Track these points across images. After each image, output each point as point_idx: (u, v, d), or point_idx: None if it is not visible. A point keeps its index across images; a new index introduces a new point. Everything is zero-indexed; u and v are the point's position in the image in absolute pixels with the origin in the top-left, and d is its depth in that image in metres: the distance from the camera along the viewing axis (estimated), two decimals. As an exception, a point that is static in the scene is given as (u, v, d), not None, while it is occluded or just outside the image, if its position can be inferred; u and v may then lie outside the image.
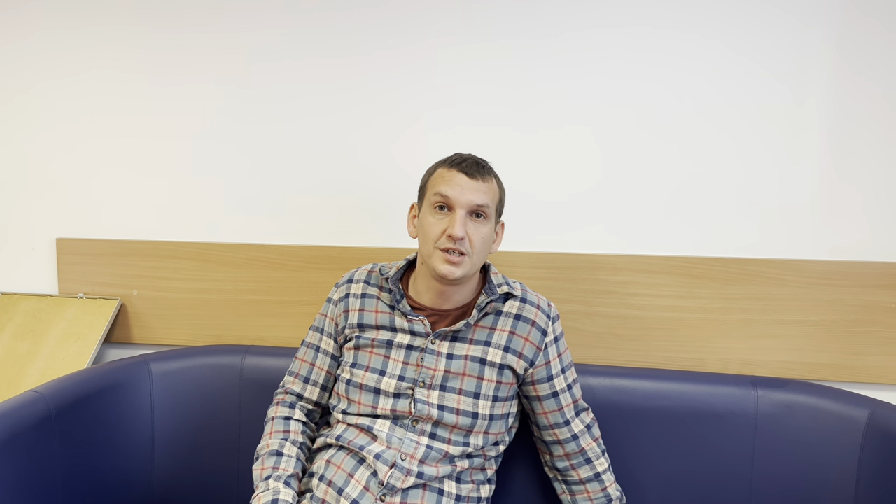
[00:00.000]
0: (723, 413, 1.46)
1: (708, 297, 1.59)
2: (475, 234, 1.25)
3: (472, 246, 1.25)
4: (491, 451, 1.33)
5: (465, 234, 1.24)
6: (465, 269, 1.25)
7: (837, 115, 1.53)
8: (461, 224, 1.24)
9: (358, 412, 1.30)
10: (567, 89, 1.61)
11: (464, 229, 1.24)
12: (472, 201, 1.25)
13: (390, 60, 1.68)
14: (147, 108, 1.79)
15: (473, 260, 1.26)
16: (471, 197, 1.25)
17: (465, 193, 1.25)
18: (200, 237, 1.80)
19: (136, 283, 1.82)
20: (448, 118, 1.67)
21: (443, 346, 1.30)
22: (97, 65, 1.80)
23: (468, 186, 1.25)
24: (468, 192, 1.25)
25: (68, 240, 1.84)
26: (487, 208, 1.26)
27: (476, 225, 1.26)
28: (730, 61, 1.55)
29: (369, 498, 1.22)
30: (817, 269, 1.55)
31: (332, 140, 1.72)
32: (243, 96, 1.75)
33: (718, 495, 1.45)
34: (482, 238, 1.26)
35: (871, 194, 1.54)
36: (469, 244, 1.25)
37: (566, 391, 1.34)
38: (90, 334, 1.76)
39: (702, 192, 1.59)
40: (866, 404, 1.41)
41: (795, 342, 1.57)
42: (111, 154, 1.82)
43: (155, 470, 1.59)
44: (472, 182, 1.26)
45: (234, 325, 1.79)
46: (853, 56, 1.51)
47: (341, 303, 1.38)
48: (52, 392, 1.41)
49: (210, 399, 1.63)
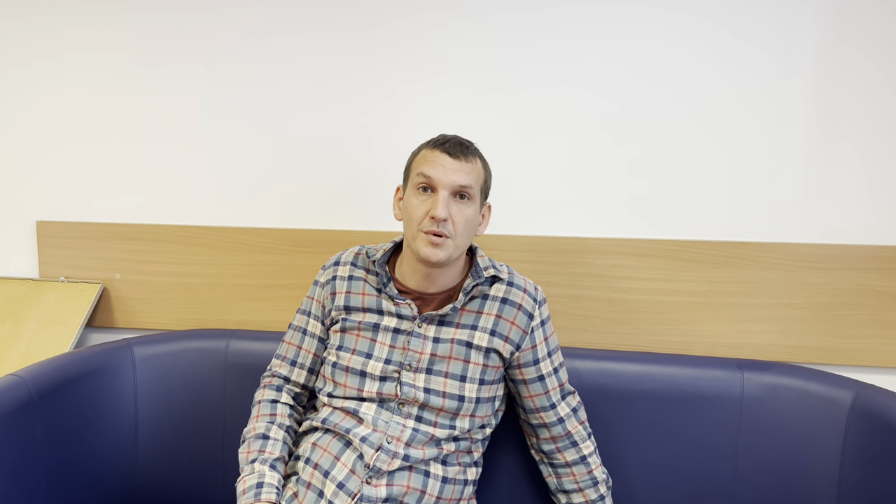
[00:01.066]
0: (709, 396, 1.47)
1: (695, 281, 1.59)
2: (458, 216, 1.24)
3: (456, 228, 1.24)
4: (477, 434, 1.32)
5: (447, 216, 1.22)
6: (449, 251, 1.24)
7: (825, 99, 1.53)
8: (444, 205, 1.22)
9: (344, 395, 1.29)
10: (553, 73, 1.60)
11: (446, 210, 1.22)
12: (455, 182, 1.23)
13: (375, 42, 1.65)
14: (129, 90, 1.76)
15: (457, 242, 1.25)
16: (454, 178, 1.23)
17: (448, 174, 1.23)
18: (184, 220, 1.78)
19: (119, 266, 1.79)
20: (434, 100, 1.65)
21: (429, 330, 1.29)
22: (76, 45, 1.76)
23: (451, 167, 1.24)
24: (451, 173, 1.23)
25: (49, 223, 1.81)
26: (471, 189, 1.25)
27: (460, 206, 1.25)
28: (715, 42, 1.54)
29: (355, 481, 1.22)
30: (803, 253, 1.55)
31: (318, 122, 1.70)
32: (229, 79, 1.72)
33: (704, 477, 1.46)
34: (466, 220, 1.25)
35: (858, 178, 1.54)
36: (452, 226, 1.23)
37: (552, 374, 1.34)
38: (72, 318, 1.74)
39: (689, 175, 1.59)
40: (851, 386, 1.41)
41: (781, 325, 1.57)
42: (93, 136, 1.79)
43: (139, 454, 1.57)
44: (455, 162, 1.24)
45: (219, 308, 1.77)
46: (841, 38, 1.51)
47: (328, 285, 1.37)
48: (33, 376, 1.39)
49: (194, 383, 1.61)
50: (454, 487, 1.29)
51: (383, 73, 1.66)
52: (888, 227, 1.54)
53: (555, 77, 1.60)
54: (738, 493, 1.45)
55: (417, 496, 1.24)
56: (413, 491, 1.24)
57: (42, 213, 1.83)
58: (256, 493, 1.21)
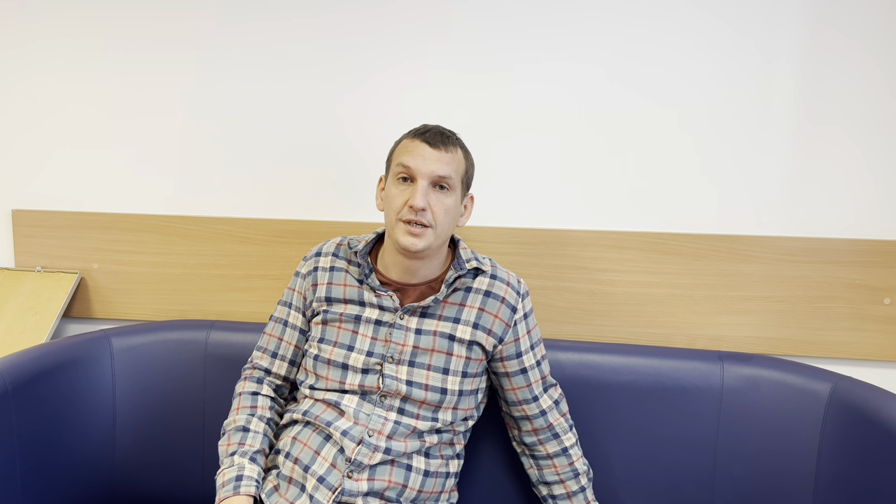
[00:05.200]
0: (689, 387, 1.48)
1: (676, 273, 1.60)
2: (438, 206, 1.23)
3: (435, 217, 1.23)
4: (460, 427, 1.32)
5: (426, 205, 1.22)
6: (428, 241, 1.23)
7: (806, 93, 1.54)
8: (423, 195, 1.22)
9: (326, 388, 1.29)
10: (538, 69, 1.60)
11: (425, 200, 1.22)
12: (434, 172, 1.23)
13: (361, 30, 1.64)
14: (108, 76, 1.73)
15: (437, 232, 1.24)
16: (433, 167, 1.23)
17: (428, 164, 1.23)
18: (163, 209, 1.75)
19: (97, 256, 1.77)
20: (418, 89, 1.64)
21: (411, 322, 1.28)
22: (51, 34, 1.73)
23: (431, 157, 1.23)
24: (430, 163, 1.23)
25: (25, 211, 1.78)
26: (450, 179, 1.24)
27: (439, 196, 1.24)
28: (698, 37, 1.55)
29: (336, 475, 1.21)
30: (783, 246, 1.56)
31: (299, 113, 1.68)
32: (208, 66, 1.69)
33: (684, 467, 1.47)
34: (445, 210, 1.24)
35: (837, 173, 1.55)
36: (432, 215, 1.23)
37: (535, 367, 1.34)
38: (48, 308, 1.71)
39: (671, 168, 1.59)
40: (828, 378, 1.43)
41: (761, 317, 1.58)
42: (68, 123, 1.76)
43: (116, 447, 1.56)
44: (434, 152, 1.23)
45: (199, 299, 1.75)
46: (824, 30, 1.52)
47: (309, 276, 1.36)
48: (7, 367, 1.37)
49: (174, 375, 1.60)
50: (436, 480, 1.29)
51: (362, 65, 1.65)
52: (867, 222, 1.56)
53: (540, 73, 1.60)
54: (718, 482, 1.46)
55: (399, 490, 1.24)
56: (394, 485, 1.23)
57: (18, 202, 1.80)
58: (236, 486, 1.20)
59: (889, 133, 1.53)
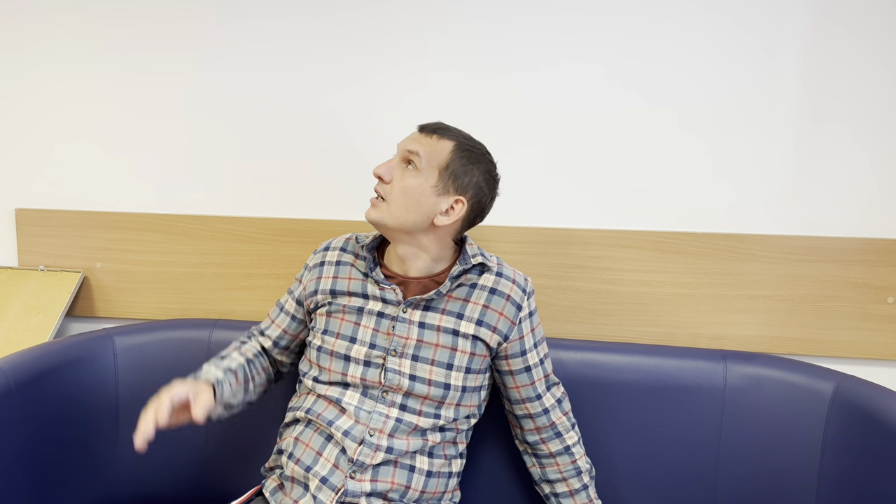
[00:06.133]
0: (692, 387, 1.48)
1: (679, 272, 1.59)
2: (397, 182, 1.25)
3: (391, 192, 1.25)
4: (463, 425, 1.32)
5: (387, 176, 1.25)
6: (381, 214, 1.25)
7: (810, 91, 1.53)
8: (387, 165, 1.26)
9: (329, 380, 1.29)
10: (548, 57, 1.59)
11: (389, 172, 1.25)
12: (406, 147, 1.26)
13: (366, 26, 1.64)
14: (110, 76, 1.73)
15: (391, 210, 1.25)
16: (407, 145, 1.26)
17: (407, 142, 1.27)
18: (165, 209, 1.76)
19: (100, 255, 1.77)
20: (423, 88, 1.64)
21: (414, 315, 1.28)
22: (53, 34, 1.73)
23: (413, 137, 1.27)
24: (409, 142, 1.26)
25: (28, 210, 1.78)
26: (417, 158, 1.24)
27: (403, 173, 1.25)
28: (700, 27, 1.54)
29: (339, 475, 1.21)
30: (786, 245, 1.56)
31: (301, 112, 1.68)
32: (210, 65, 1.70)
33: (686, 466, 1.47)
34: (404, 188, 1.24)
35: (841, 171, 1.55)
36: (390, 190, 1.25)
37: (538, 365, 1.34)
38: (52, 307, 1.72)
39: (674, 167, 1.59)
40: (832, 377, 1.43)
41: (764, 316, 1.58)
42: (72, 122, 1.76)
43: (119, 445, 1.56)
44: (419, 135, 1.27)
45: (202, 298, 1.75)
46: (828, 27, 1.51)
47: (315, 269, 1.38)
48: (11, 366, 1.37)
49: (177, 374, 1.59)
50: (438, 480, 1.29)
51: (370, 63, 1.65)
52: (871, 220, 1.55)
53: (541, 73, 1.60)
54: (720, 482, 1.46)
55: (402, 491, 1.24)
56: (397, 486, 1.23)
57: (21, 201, 1.80)
58: (195, 376, 1.28)
59: (893, 131, 1.52)
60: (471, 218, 1.31)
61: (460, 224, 1.30)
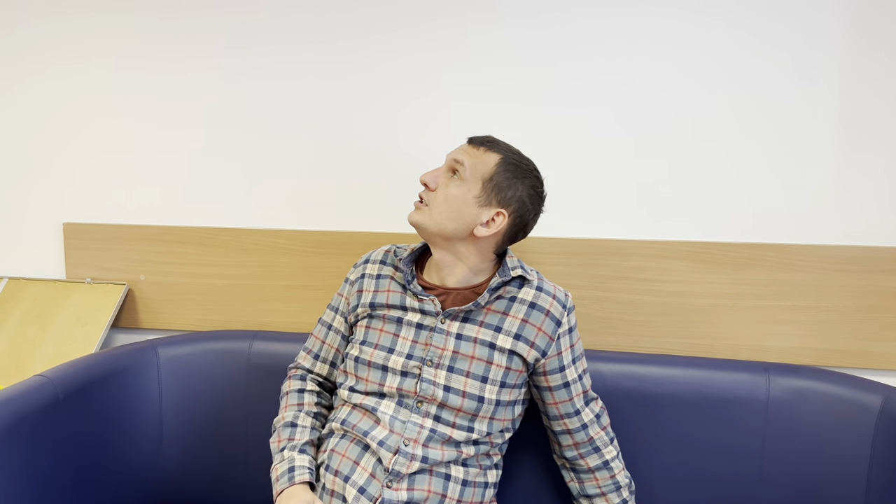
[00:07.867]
0: (733, 399, 1.45)
1: (718, 283, 1.57)
2: (441, 190, 1.28)
3: (434, 198, 1.28)
4: (497, 439, 1.32)
5: (432, 184, 1.29)
6: (422, 217, 1.28)
7: (851, 99, 1.51)
8: (433, 173, 1.30)
9: (365, 390, 1.30)
10: (583, 70, 1.59)
11: (435, 180, 1.29)
12: (453, 157, 1.28)
13: (396, 39, 1.66)
14: (153, 92, 1.78)
15: (433, 214, 1.27)
16: (455, 155, 1.29)
17: (455, 153, 1.29)
18: (207, 222, 1.79)
19: (144, 267, 1.81)
20: (457, 98, 1.65)
21: (452, 326, 1.29)
22: (101, 52, 1.78)
23: (461, 149, 1.30)
24: (457, 152, 1.29)
25: (75, 224, 1.84)
26: (462, 168, 1.26)
27: (447, 181, 1.28)
28: (737, 40, 1.53)
29: (376, 485, 1.22)
30: (828, 255, 1.53)
31: (340, 124, 1.70)
32: (252, 79, 1.73)
33: (728, 481, 1.45)
34: (447, 196, 1.27)
35: (882, 179, 1.52)
36: (433, 196, 1.28)
37: (577, 381, 1.33)
38: (98, 319, 1.76)
39: (712, 176, 1.57)
40: (879, 390, 1.39)
41: (807, 328, 1.55)
42: (118, 138, 1.81)
43: (163, 454, 1.59)
44: (467, 146, 1.30)
45: (242, 310, 1.78)
46: (868, 36, 1.49)
47: (356, 283, 1.39)
48: (59, 376, 1.41)
49: (218, 384, 1.62)
50: (474, 490, 1.28)
51: (407, 76, 1.66)
52: (916, 229, 1.52)
53: (573, 86, 1.60)
54: (764, 497, 1.43)
55: (438, 499, 1.24)
56: (434, 495, 1.24)
57: (69, 216, 1.86)
58: (290, 477, 1.24)
59: (940, 138, 1.49)
60: (513, 232, 1.31)
61: (501, 237, 1.30)
